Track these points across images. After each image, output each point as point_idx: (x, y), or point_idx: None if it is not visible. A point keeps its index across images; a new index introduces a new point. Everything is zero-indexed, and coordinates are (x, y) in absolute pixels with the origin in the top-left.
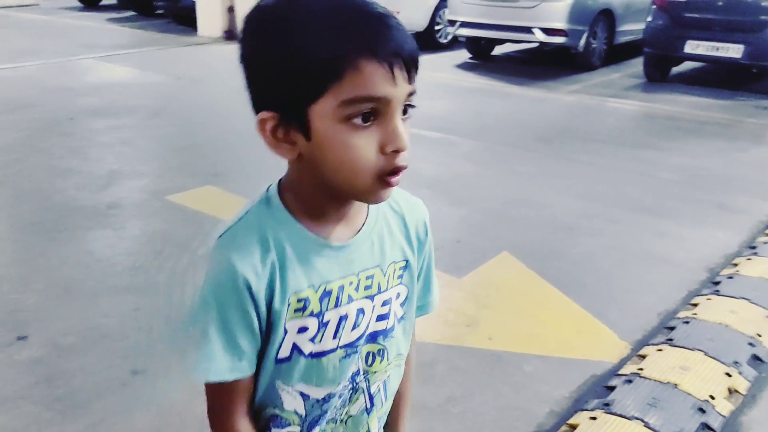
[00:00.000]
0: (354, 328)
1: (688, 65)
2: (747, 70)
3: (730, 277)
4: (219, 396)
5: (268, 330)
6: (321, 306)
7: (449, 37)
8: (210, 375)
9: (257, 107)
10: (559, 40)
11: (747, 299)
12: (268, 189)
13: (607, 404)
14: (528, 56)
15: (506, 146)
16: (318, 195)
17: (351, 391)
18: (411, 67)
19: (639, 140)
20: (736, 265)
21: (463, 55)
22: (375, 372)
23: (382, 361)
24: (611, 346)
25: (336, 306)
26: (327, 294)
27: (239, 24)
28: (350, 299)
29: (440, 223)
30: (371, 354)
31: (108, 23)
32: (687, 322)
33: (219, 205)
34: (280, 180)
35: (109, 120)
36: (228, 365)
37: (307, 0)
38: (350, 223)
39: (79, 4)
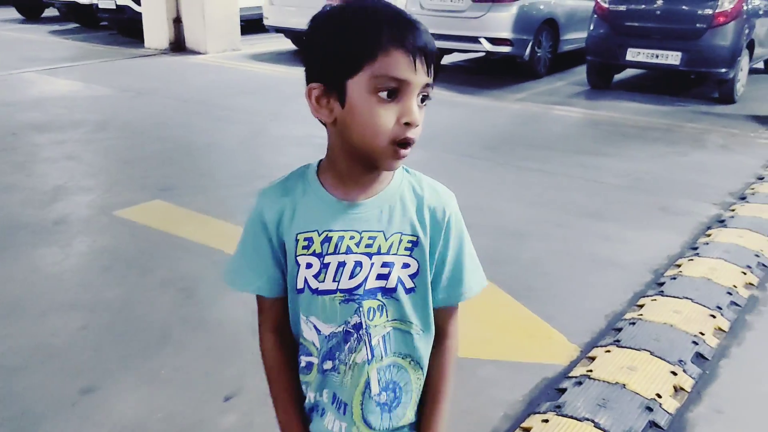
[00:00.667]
0: (351, 276)
1: (629, 72)
2: (686, 77)
3: (674, 278)
4: (258, 310)
5: (287, 263)
6: (322, 248)
7: None
8: (229, 281)
9: (308, 80)
10: (504, 49)
11: (690, 299)
12: (311, 163)
13: (558, 406)
14: (475, 65)
15: (456, 154)
16: (344, 158)
17: (356, 341)
18: (430, 62)
19: (584, 146)
20: (678, 266)
21: None
22: (375, 326)
23: (381, 316)
24: (561, 349)
25: (335, 252)
26: (327, 240)
27: (187, 34)
28: (349, 250)
29: None
30: (372, 309)
31: (50, 36)
32: (633, 323)
33: (169, 219)
34: (321, 159)
35: (54, 134)
36: (244, 279)
37: (359, 6)
38: (368, 193)
39: (19, 17)
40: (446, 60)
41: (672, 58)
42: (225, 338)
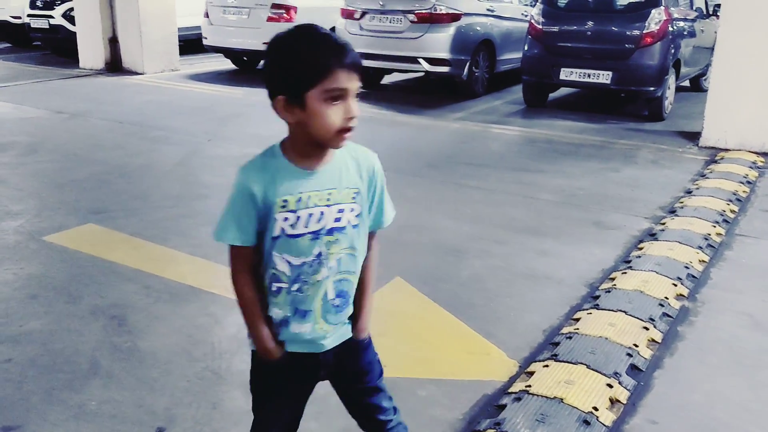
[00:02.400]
0: (318, 221)
1: (563, 91)
2: (616, 95)
3: (608, 291)
4: (232, 257)
5: (266, 219)
6: (296, 206)
7: None
8: (219, 237)
9: (272, 93)
10: (443, 69)
11: (624, 311)
12: (273, 144)
13: (498, 423)
14: (415, 85)
15: (396, 173)
16: (305, 143)
17: (318, 264)
18: (359, 72)
19: (521, 164)
20: (612, 279)
21: None
22: (332, 254)
23: (336, 246)
24: (501, 365)
25: (306, 207)
26: (300, 199)
27: (123, 54)
28: (315, 204)
29: None
30: (329, 242)
31: None
32: (570, 337)
33: (101, 243)
34: (282, 140)
35: None
36: (233, 235)
37: (307, 34)
38: (323, 162)
39: None
40: (386, 80)
41: (603, 77)
42: (157, 367)
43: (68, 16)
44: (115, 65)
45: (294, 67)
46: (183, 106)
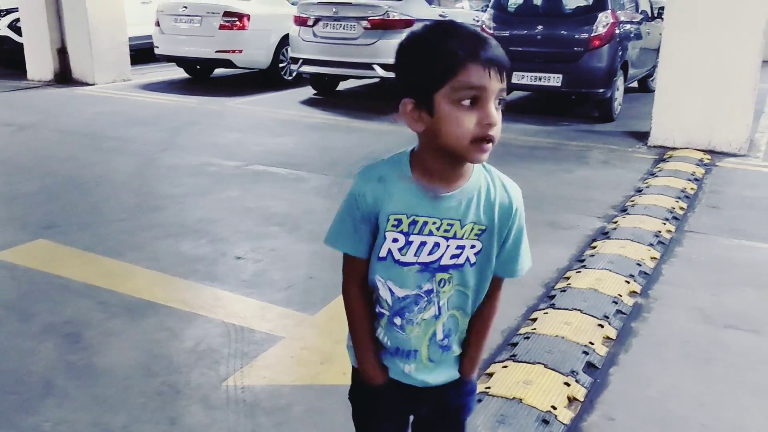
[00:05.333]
0: (430, 253)
1: (516, 95)
2: (567, 97)
3: (563, 291)
4: (344, 267)
5: (376, 235)
6: (408, 228)
7: (293, 74)
8: (329, 241)
9: (401, 96)
10: None
11: (579, 310)
12: (405, 150)
13: None
14: (371, 91)
15: (353, 179)
16: (433, 158)
17: (426, 303)
18: (501, 71)
19: None
20: (567, 278)
21: (308, 91)
22: (444, 292)
23: (448, 285)
24: None
25: (419, 233)
26: (414, 223)
27: (73, 65)
28: (430, 233)
29: (292, 260)
30: (442, 279)
31: None
32: (528, 338)
33: (53, 259)
34: (413, 148)
35: None
36: (343, 242)
37: (438, 29)
38: (450, 187)
39: None
40: (342, 86)
41: (554, 80)
42: (114, 384)
43: (14, 27)
44: (64, 76)
45: (420, 63)
46: (136, 116)
